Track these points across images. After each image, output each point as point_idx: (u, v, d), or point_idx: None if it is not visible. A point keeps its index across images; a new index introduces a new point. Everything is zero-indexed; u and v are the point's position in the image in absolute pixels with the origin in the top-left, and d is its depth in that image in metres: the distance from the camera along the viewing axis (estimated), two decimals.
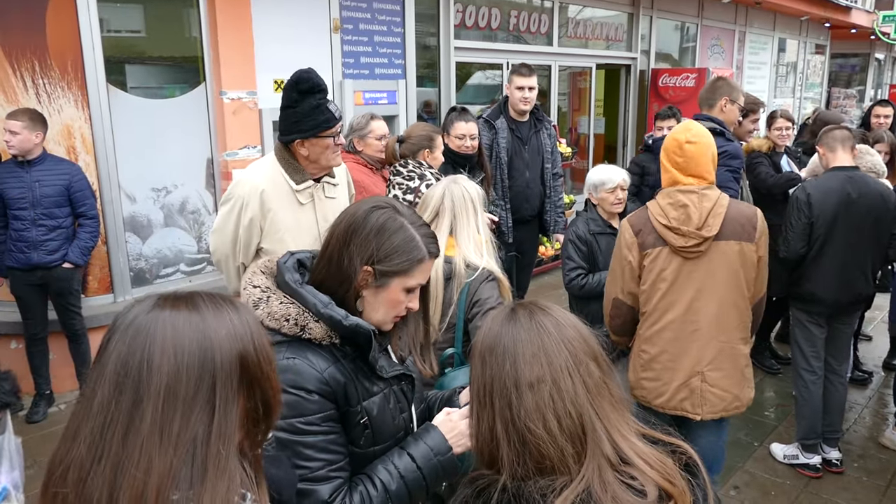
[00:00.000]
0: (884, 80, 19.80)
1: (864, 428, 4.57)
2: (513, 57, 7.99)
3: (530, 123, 4.79)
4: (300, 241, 2.83)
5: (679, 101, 9.61)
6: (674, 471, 1.08)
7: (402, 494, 1.53)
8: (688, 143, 2.63)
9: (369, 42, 6.24)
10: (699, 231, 2.57)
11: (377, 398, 1.59)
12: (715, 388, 2.70)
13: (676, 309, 2.66)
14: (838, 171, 3.76)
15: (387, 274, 1.52)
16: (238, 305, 1.00)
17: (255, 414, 0.97)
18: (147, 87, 5.05)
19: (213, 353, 0.92)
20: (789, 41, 14.32)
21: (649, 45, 10.22)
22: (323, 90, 2.75)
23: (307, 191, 2.88)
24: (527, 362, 1.11)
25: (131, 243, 5.01)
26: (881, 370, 5.47)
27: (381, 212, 1.55)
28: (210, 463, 0.88)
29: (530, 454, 1.07)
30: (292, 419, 1.45)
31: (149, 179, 5.04)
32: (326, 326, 1.49)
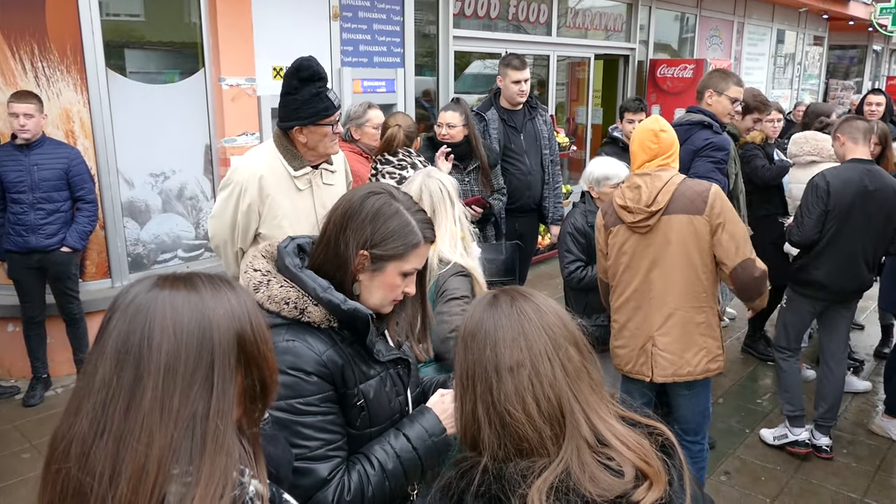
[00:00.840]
0: (881, 71, 19.81)
1: (855, 414, 4.63)
2: (512, 47, 7.99)
3: (524, 111, 4.80)
4: (298, 226, 2.87)
5: (677, 92, 9.63)
6: (650, 452, 1.11)
7: (398, 473, 1.58)
8: (662, 132, 2.90)
9: (368, 30, 6.24)
10: (647, 208, 2.82)
11: (374, 381, 1.62)
12: (664, 352, 2.92)
13: (636, 280, 2.93)
14: (858, 162, 3.80)
15: (382, 258, 1.56)
16: (236, 287, 1.03)
17: (252, 392, 1.00)
18: (146, 73, 5.06)
19: (212, 331, 0.94)
20: (788, 32, 14.31)
21: (648, 36, 10.22)
22: (323, 78, 2.78)
23: (305, 177, 2.91)
24: (507, 347, 1.14)
25: (129, 228, 5.03)
26: (872, 358, 5.53)
27: (376, 197, 1.58)
28: (209, 438, 0.90)
29: (510, 436, 1.11)
30: (291, 400, 1.49)
31: (147, 165, 5.05)
32: (325, 310, 1.53)
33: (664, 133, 2.90)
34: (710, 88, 4.07)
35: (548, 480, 1.04)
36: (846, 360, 4.23)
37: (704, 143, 3.97)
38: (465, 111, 4.36)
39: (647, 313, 2.93)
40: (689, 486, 1.10)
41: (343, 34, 6.02)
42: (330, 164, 3.02)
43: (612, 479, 1.04)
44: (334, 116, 2.81)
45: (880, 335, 5.66)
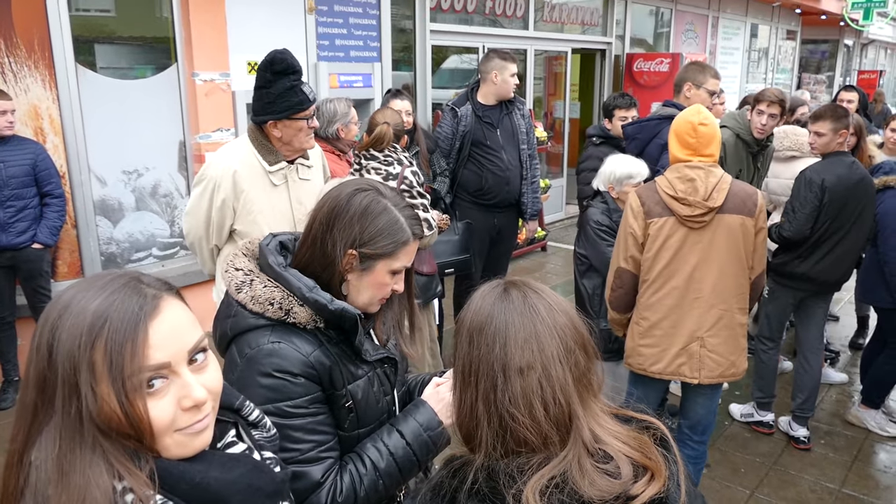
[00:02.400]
0: (852, 66, 20.10)
1: (831, 405, 4.68)
2: (489, 41, 7.97)
3: (501, 106, 4.77)
4: (273, 222, 2.83)
5: (653, 86, 9.68)
6: (649, 445, 1.09)
7: (392, 472, 1.54)
8: (701, 125, 2.77)
9: (344, 24, 6.17)
10: (705, 202, 2.70)
11: (361, 382, 1.59)
12: (713, 354, 2.82)
13: (679, 277, 2.78)
14: (841, 156, 3.84)
15: (371, 257, 1.51)
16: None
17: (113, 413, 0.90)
18: (117, 68, 4.96)
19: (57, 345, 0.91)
20: (761, 27, 14.46)
21: (624, 30, 10.25)
22: (297, 71, 2.73)
23: (280, 172, 2.87)
24: (518, 347, 1.09)
25: (102, 227, 4.94)
26: (848, 349, 5.60)
27: (364, 194, 1.53)
28: (68, 455, 0.87)
29: (512, 438, 1.08)
30: (280, 403, 1.45)
31: (119, 162, 4.96)
32: (311, 310, 1.48)
33: (703, 126, 2.78)
34: (688, 81, 4.08)
35: (544, 478, 1.02)
36: (822, 351, 4.29)
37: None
38: (412, 99, 4.53)
39: (691, 312, 2.80)
40: (685, 481, 1.08)
41: (319, 28, 5.95)
42: (306, 158, 2.98)
43: (611, 482, 1.02)
44: (309, 111, 2.77)
45: (856, 326, 5.73)
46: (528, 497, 1.00)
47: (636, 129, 4.34)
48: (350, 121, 4.04)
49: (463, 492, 1.06)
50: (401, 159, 3.53)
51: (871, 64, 21.88)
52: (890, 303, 4.03)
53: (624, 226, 2.88)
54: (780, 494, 3.66)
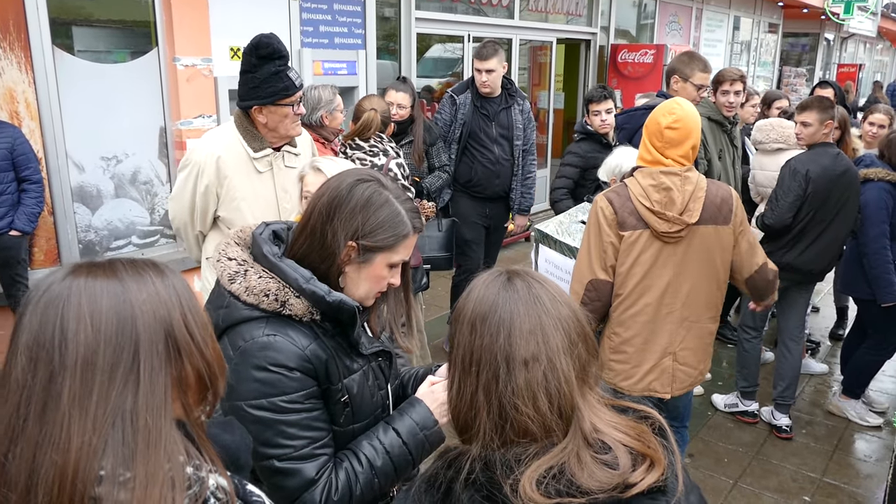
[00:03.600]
0: (832, 59, 20.28)
1: (812, 395, 4.72)
2: (474, 29, 7.92)
3: (501, 99, 4.71)
4: (256, 209, 2.79)
5: (638, 77, 9.69)
6: (648, 434, 1.08)
7: (387, 470, 1.52)
8: (668, 129, 2.56)
9: (328, 10, 6.09)
10: (681, 216, 2.54)
11: (357, 375, 1.56)
12: (684, 366, 2.74)
13: (653, 293, 2.63)
14: (826, 147, 3.88)
15: (371, 249, 1.47)
16: (164, 270, 0.95)
17: (190, 383, 0.93)
18: (95, 51, 4.85)
19: (134, 319, 0.87)
20: (744, 19, 14.52)
21: (609, 21, 10.24)
22: (283, 56, 2.68)
23: (265, 159, 2.82)
24: (523, 338, 1.08)
25: (80, 214, 4.84)
26: (828, 340, 5.66)
27: (366, 185, 1.49)
28: (140, 437, 0.83)
29: (512, 428, 1.06)
30: (274, 397, 1.41)
31: (98, 148, 4.85)
32: (308, 302, 1.44)
33: (671, 131, 2.55)
34: (675, 74, 4.07)
35: (541, 468, 1.01)
36: (804, 339, 4.32)
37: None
38: (413, 91, 4.43)
39: (664, 328, 2.67)
40: (682, 472, 1.08)
41: (303, 14, 5.86)
42: (293, 146, 2.92)
43: (610, 473, 1.01)
44: (295, 97, 2.72)
45: (836, 317, 5.79)
46: (524, 487, 0.99)
47: (625, 118, 4.35)
48: (335, 108, 3.98)
49: (459, 482, 1.04)
50: (386, 150, 3.49)
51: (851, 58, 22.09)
52: (869, 294, 4.07)
53: (598, 235, 2.63)
54: (762, 483, 3.69)
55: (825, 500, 3.58)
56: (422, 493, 1.08)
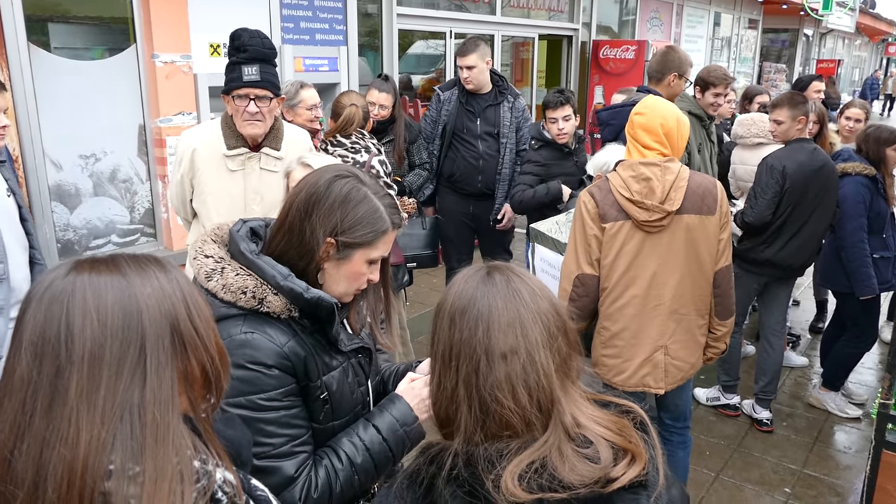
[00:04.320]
0: (811, 55, 20.49)
1: (792, 388, 4.78)
2: (456, 25, 7.91)
3: (490, 97, 4.67)
4: (221, 206, 2.83)
5: (619, 73, 9.73)
6: (630, 429, 1.09)
7: (367, 467, 1.52)
8: (636, 115, 2.63)
9: (309, 6, 6.05)
10: (662, 205, 2.53)
11: (336, 372, 1.55)
12: (676, 360, 2.73)
13: (639, 284, 2.62)
14: (803, 142, 3.91)
15: (350, 246, 1.47)
16: (166, 265, 0.95)
17: (196, 377, 0.93)
18: (72, 48, 4.78)
19: (140, 314, 0.87)
20: (724, 15, 14.62)
21: (590, 17, 10.27)
22: (246, 51, 2.69)
23: (238, 158, 2.83)
24: (501, 331, 1.08)
25: (58, 213, 4.78)
26: (808, 333, 5.72)
27: (344, 181, 1.48)
28: (148, 431, 0.84)
29: (493, 422, 1.06)
30: (252, 395, 1.40)
31: (76, 146, 4.79)
32: (286, 299, 1.43)
33: (639, 115, 2.63)
34: (674, 72, 4.05)
35: (523, 463, 1.01)
36: (785, 334, 4.36)
37: None
38: (395, 90, 4.40)
39: (653, 320, 2.65)
40: (663, 466, 1.08)
41: (283, 10, 5.82)
42: (275, 149, 2.88)
43: (591, 466, 1.02)
44: (241, 90, 2.70)
45: (815, 311, 5.85)
46: (506, 482, 0.99)
47: (610, 114, 4.31)
48: (298, 104, 3.91)
49: (441, 478, 1.04)
50: (368, 147, 3.47)
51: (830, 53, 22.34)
52: (848, 287, 4.12)
53: (582, 229, 2.65)
54: (743, 476, 3.73)
55: (805, 491, 3.63)
56: (404, 490, 1.08)
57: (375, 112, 4.25)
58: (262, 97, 2.71)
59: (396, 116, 4.43)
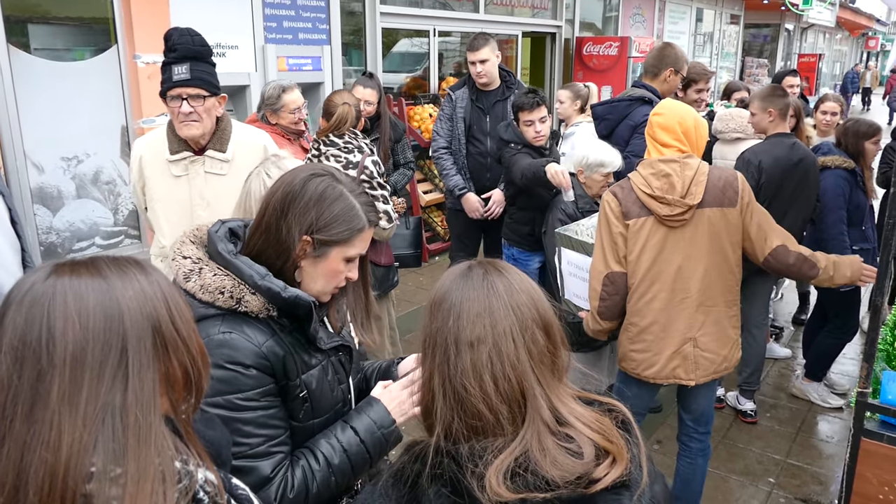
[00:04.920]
0: (793, 49, 20.65)
1: (776, 379, 4.83)
2: (440, 24, 7.92)
3: (498, 92, 4.67)
4: (171, 213, 2.76)
5: (603, 70, 9.77)
6: (611, 428, 1.10)
7: (344, 468, 1.53)
8: (655, 116, 2.71)
9: (292, 5, 6.05)
10: (683, 199, 2.58)
11: (316, 371, 1.56)
12: (706, 353, 2.74)
13: (664, 278, 2.66)
14: (782, 137, 3.94)
15: (327, 244, 1.48)
16: (146, 267, 0.95)
17: (177, 378, 0.94)
18: (53, 49, 4.76)
19: (122, 316, 0.87)
20: (706, 11, 14.71)
21: (573, 14, 10.31)
22: (176, 49, 2.59)
23: (181, 163, 2.71)
24: (470, 321, 1.10)
25: (40, 216, 4.75)
26: (791, 325, 5.78)
27: (319, 179, 1.49)
28: (130, 433, 0.84)
29: (465, 411, 1.08)
30: (230, 395, 1.41)
31: (58, 148, 4.77)
32: (264, 299, 1.44)
33: (657, 116, 2.70)
34: (670, 67, 4.07)
35: (506, 461, 1.02)
36: (767, 326, 4.41)
37: (643, 119, 4.01)
38: (379, 87, 4.40)
39: (681, 314, 2.68)
40: (646, 462, 1.09)
41: (266, 10, 5.81)
42: (220, 151, 2.73)
43: (573, 461, 1.03)
44: (175, 91, 2.58)
45: (798, 303, 5.92)
46: (490, 481, 1.00)
47: (606, 109, 4.30)
48: (280, 107, 3.92)
49: (425, 476, 1.05)
50: (361, 147, 3.46)
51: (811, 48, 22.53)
52: None
53: (607, 228, 2.71)
54: (728, 467, 3.77)
55: (789, 480, 3.67)
56: (389, 488, 1.09)
57: (361, 108, 4.25)
58: (195, 96, 2.58)
59: (381, 113, 4.44)
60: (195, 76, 2.56)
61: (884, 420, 2.35)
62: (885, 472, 2.30)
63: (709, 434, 3.08)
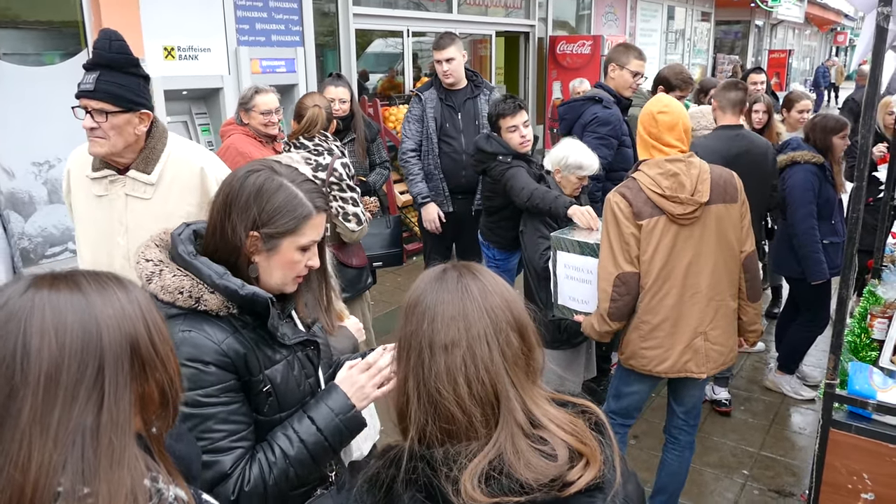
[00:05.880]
0: (763, 45, 20.92)
1: (749, 372, 4.91)
2: (413, 24, 7.93)
3: (467, 90, 4.71)
4: (91, 234, 2.51)
5: (576, 68, 9.83)
6: (585, 430, 1.11)
7: (303, 458, 1.55)
8: (660, 114, 2.71)
9: (264, 7, 6.02)
10: (693, 197, 2.64)
11: (280, 366, 1.58)
12: (716, 345, 2.81)
13: (675, 276, 2.71)
14: (725, 129, 4.00)
15: (274, 236, 1.51)
16: (126, 283, 0.94)
17: (153, 398, 0.92)
18: (22, 54, 4.70)
19: (100, 335, 0.85)
20: (677, 9, 14.86)
21: (546, 13, 10.36)
22: (93, 55, 2.30)
23: (102, 181, 2.41)
24: (444, 324, 1.11)
25: (13, 222, 4.67)
26: (764, 318, 5.87)
27: (256, 175, 1.52)
28: (102, 454, 0.82)
29: (439, 415, 1.08)
30: (191, 392, 1.44)
31: (29, 153, 4.71)
32: (223, 297, 1.48)
33: (662, 115, 2.71)
34: (613, 62, 4.20)
35: (480, 464, 1.03)
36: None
37: (591, 118, 4.10)
38: (349, 86, 4.43)
39: (692, 309, 2.73)
40: (619, 463, 1.10)
41: (238, 12, 5.78)
42: (144, 172, 2.38)
43: (546, 463, 1.03)
44: (81, 101, 2.28)
45: (770, 297, 6.02)
46: (465, 485, 1.00)
47: (565, 109, 4.40)
48: (252, 107, 3.92)
49: (400, 481, 1.05)
50: (331, 149, 3.46)
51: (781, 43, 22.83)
52: (800, 273, 4.24)
53: (617, 229, 2.71)
54: (703, 461, 3.83)
55: (763, 472, 3.74)
56: (363, 493, 1.09)
57: (336, 108, 4.26)
58: (98, 110, 2.24)
59: (355, 112, 4.45)
60: (101, 88, 2.23)
61: (851, 411, 2.40)
62: (853, 461, 2.36)
63: (696, 427, 3.14)
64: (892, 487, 2.29)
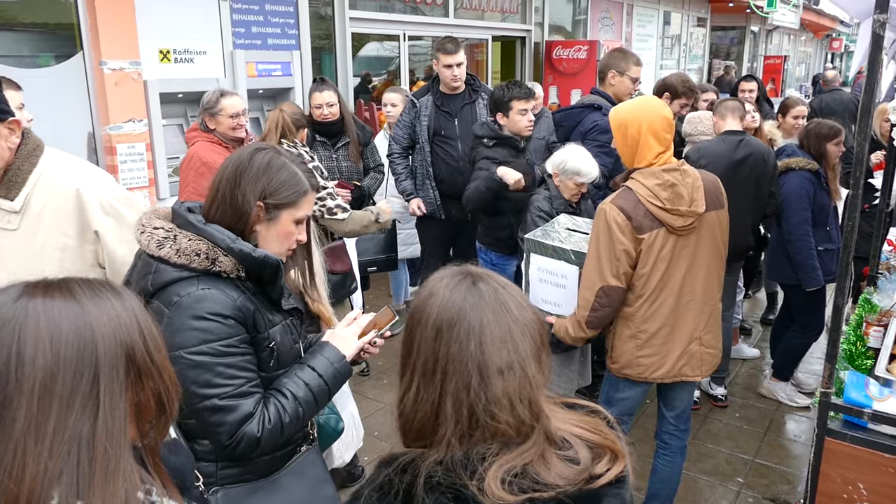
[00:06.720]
0: (759, 51, 20.98)
1: (745, 379, 4.91)
2: (409, 28, 7.93)
3: (464, 95, 4.70)
4: None
5: (573, 73, 9.84)
6: (603, 426, 1.13)
7: (308, 399, 1.75)
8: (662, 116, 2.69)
9: (260, 10, 6.01)
10: (691, 209, 2.63)
11: (279, 327, 1.78)
12: (709, 348, 2.86)
13: (672, 284, 2.71)
14: (728, 135, 4.04)
15: (277, 207, 1.71)
16: (120, 290, 0.93)
17: (149, 406, 0.91)
18: (17, 56, 4.68)
19: (95, 343, 0.85)
20: (673, 14, 14.89)
21: (543, 18, 10.37)
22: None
23: None
24: (495, 346, 1.07)
25: None
26: (759, 325, 5.88)
27: (264, 152, 1.74)
28: (97, 464, 0.81)
29: (482, 435, 1.05)
30: (214, 343, 1.60)
31: None
32: (234, 260, 1.64)
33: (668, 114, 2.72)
34: (612, 69, 4.18)
35: (503, 468, 1.01)
36: (731, 317, 4.47)
37: (591, 126, 4.10)
38: (336, 88, 4.44)
39: (687, 315, 2.75)
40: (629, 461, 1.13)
41: (234, 15, 5.77)
42: (8, 198, 1.96)
43: (573, 468, 1.04)
44: None
45: (766, 303, 6.02)
46: (490, 486, 0.99)
47: (562, 116, 4.42)
48: (219, 111, 3.84)
49: (419, 486, 1.02)
50: (301, 154, 3.47)
51: (777, 49, 22.90)
52: (794, 280, 4.25)
53: (608, 243, 2.64)
54: (698, 467, 3.82)
55: (758, 480, 3.74)
56: (373, 502, 1.06)
57: (325, 113, 4.26)
58: None
59: (345, 115, 4.42)
60: None
61: (847, 420, 2.40)
62: (848, 471, 2.35)
63: (688, 433, 3.15)
64: (889, 497, 2.29)
